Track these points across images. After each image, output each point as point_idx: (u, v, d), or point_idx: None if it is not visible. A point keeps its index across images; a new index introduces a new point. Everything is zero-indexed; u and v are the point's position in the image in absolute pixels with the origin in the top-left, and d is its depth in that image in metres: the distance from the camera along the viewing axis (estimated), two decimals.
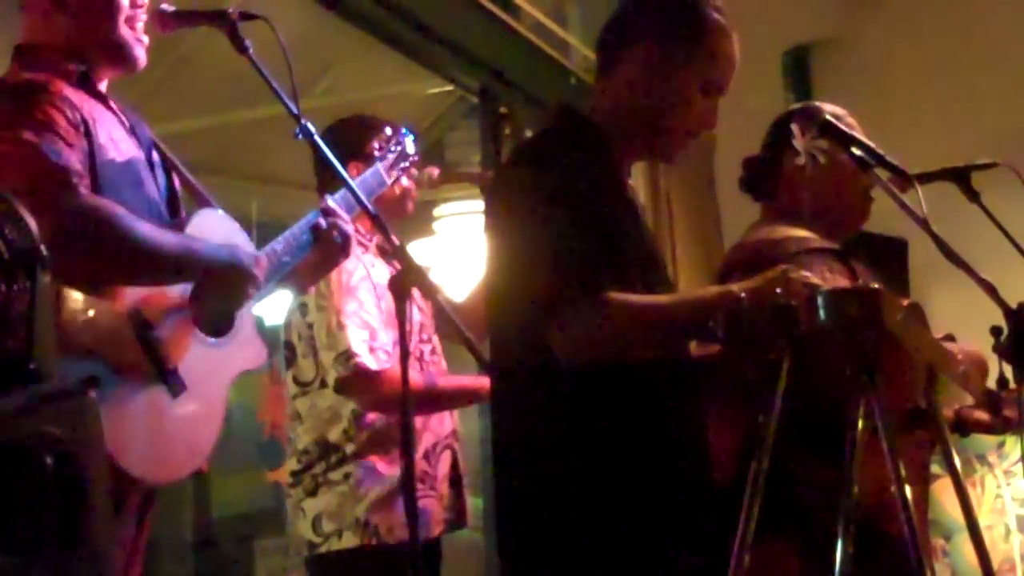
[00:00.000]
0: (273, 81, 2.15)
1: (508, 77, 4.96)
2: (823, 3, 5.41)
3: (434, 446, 3.00)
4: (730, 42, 2.23)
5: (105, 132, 2.14)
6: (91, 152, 2.08)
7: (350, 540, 2.89)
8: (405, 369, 2.04)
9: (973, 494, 4.83)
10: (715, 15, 2.22)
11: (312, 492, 2.95)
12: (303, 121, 2.17)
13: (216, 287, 2.15)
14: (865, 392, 1.94)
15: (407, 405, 2.07)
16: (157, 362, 2.08)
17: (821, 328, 1.90)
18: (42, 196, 1.92)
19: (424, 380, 2.96)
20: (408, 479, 2.04)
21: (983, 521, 4.75)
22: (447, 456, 3.04)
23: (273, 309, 3.01)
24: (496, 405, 2.23)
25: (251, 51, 2.18)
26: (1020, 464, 4.84)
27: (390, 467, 2.91)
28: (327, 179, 2.89)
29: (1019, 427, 2.51)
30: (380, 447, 2.93)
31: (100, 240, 1.98)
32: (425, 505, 2.92)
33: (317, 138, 2.17)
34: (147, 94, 4.38)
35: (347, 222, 2.42)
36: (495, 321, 2.23)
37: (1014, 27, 5.01)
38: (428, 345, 3.09)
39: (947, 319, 2.44)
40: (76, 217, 1.96)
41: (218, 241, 2.21)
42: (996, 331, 2.22)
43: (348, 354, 2.87)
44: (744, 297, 1.99)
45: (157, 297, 2.12)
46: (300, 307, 2.98)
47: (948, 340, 2.25)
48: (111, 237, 1.99)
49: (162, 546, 5.83)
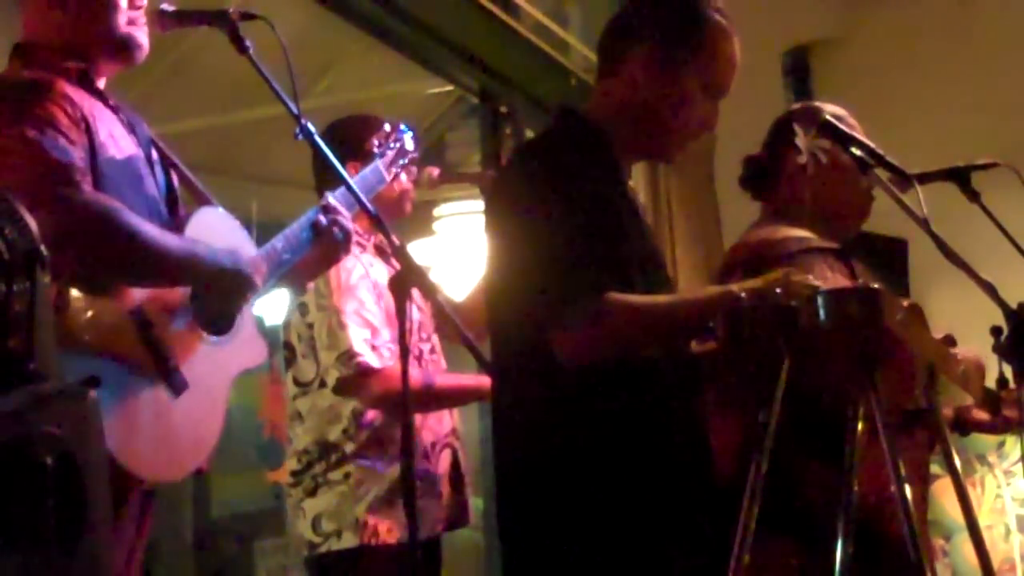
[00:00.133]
0: (273, 81, 2.16)
1: (508, 77, 4.96)
2: (823, 3, 5.40)
3: (433, 445, 3.00)
4: (731, 43, 2.24)
5: (105, 130, 2.14)
6: (92, 149, 2.08)
7: (350, 540, 2.89)
8: (405, 368, 2.04)
9: (973, 494, 4.83)
10: (716, 16, 2.22)
11: (312, 492, 2.94)
12: (303, 121, 2.17)
13: (217, 291, 2.16)
14: (865, 392, 1.94)
15: (407, 404, 2.07)
16: (159, 361, 2.08)
17: (821, 328, 1.90)
18: (44, 193, 1.93)
19: (425, 378, 2.95)
20: (408, 478, 2.04)
21: (983, 521, 4.75)
22: (447, 455, 3.04)
23: (273, 309, 3.01)
24: (497, 405, 2.23)
25: (251, 51, 2.18)
26: (1020, 464, 4.84)
27: (390, 467, 2.91)
28: (326, 179, 2.88)
29: (1019, 427, 2.51)
30: (380, 447, 2.93)
31: (102, 238, 1.98)
32: (424, 504, 2.92)
33: (317, 138, 2.17)
34: (147, 94, 4.39)
35: (347, 218, 2.42)
36: (496, 321, 2.23)
37: (1014, 27, 5.01)
38: (427, 344, 3.09)
39: (947, 319, 2.44)
40: (78, 214, 1.96)
41: (218, 239, 2.21)
42: (996, 331, 2.21)
43: (350, 353, 2.87)
44: (744, 297, 1.99)
45: (159, 296, 2.12)
46: (300, 307, 2.98)
47: (948, 341, 2.24)
48: (113, 236, 1.99)
49: (162, 546, 5.83)
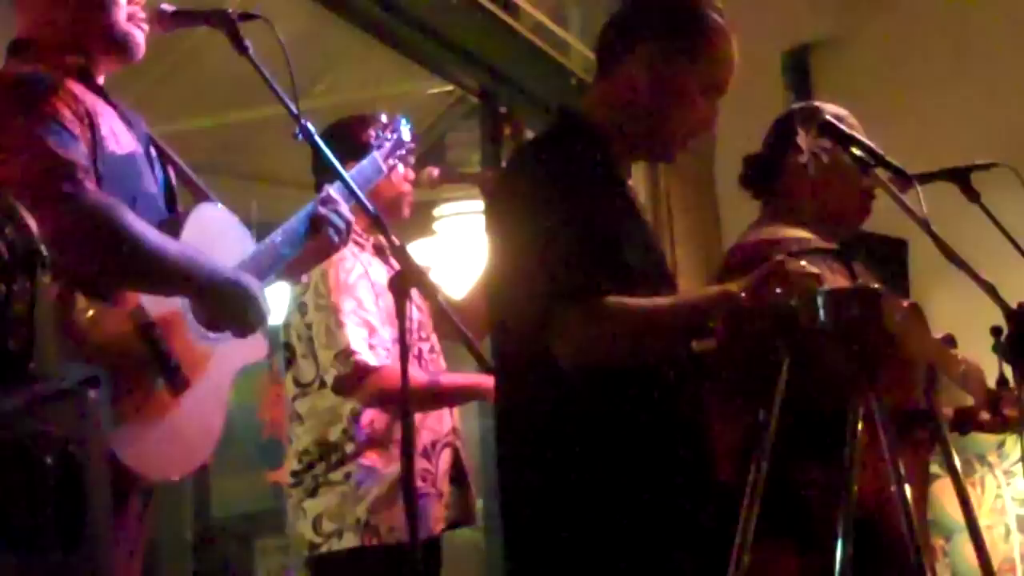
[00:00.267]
0: (273, 81, 2.15)
1: (508, 77, 4.95)
2: (823, 3, 5.40)
3: (433, 444, 3.00)
4: (729, 43, 2.24)
5: (107, 125, 2.13)
6: (94, 145, 2.07)
7: (350, 540, 2.89)
8: (405, 368, 2.04)
9: (973, 494, 4.82)
10: (713, 15, 2.23)
11: (312, 492, 2.95)
12: (303, 121, 2.16)
13: (214, 302, 2.14)
14: (865, 392, 1.94)
15: (407, 404, 2.07)
16: (161, 359, 2.07)
17: (821, 328, 1.90)
18: (47, 189, 1.92)
19: (425, 377, 2.95)
20: (408, 479, 2.04)
21: (983, 521, 4.75)
22: (447, 454, 3.04)
23: (273, 309, 3.01)
24: (499, 405, 2.23)
25: (251, 51, 2.17)
26: (1020, 464, 4.83)
27: (390, 466, 2.91)
28: (326, 179, 2.88)
29: (1019, 426, 2.51)
30: (380, 446, 2.93)
31: (102, 237, 1.98)
32: (425, 503, 2.92)
33: (317, 138, 2.17)
34: (147, 94, 4.38)
35: (347, 209, 2.41)
36: (497, 322, 2.23)
37: (1014, 27, 5.01)
38: (427, 343, 3.09)
39: (947, 319, 2.44)
40: (81, 213, 1.95)
41: (218, 235, 2.21)
42: (996, 331, 2.22)
43: (347, 352, 2.87)
44: (743, 297, 1.99)
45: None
46: (299, 307, 2.98)
47: (948, 341, 2.24)
48: (113, 236, 1.98)
49: (162, 546, 5.82)
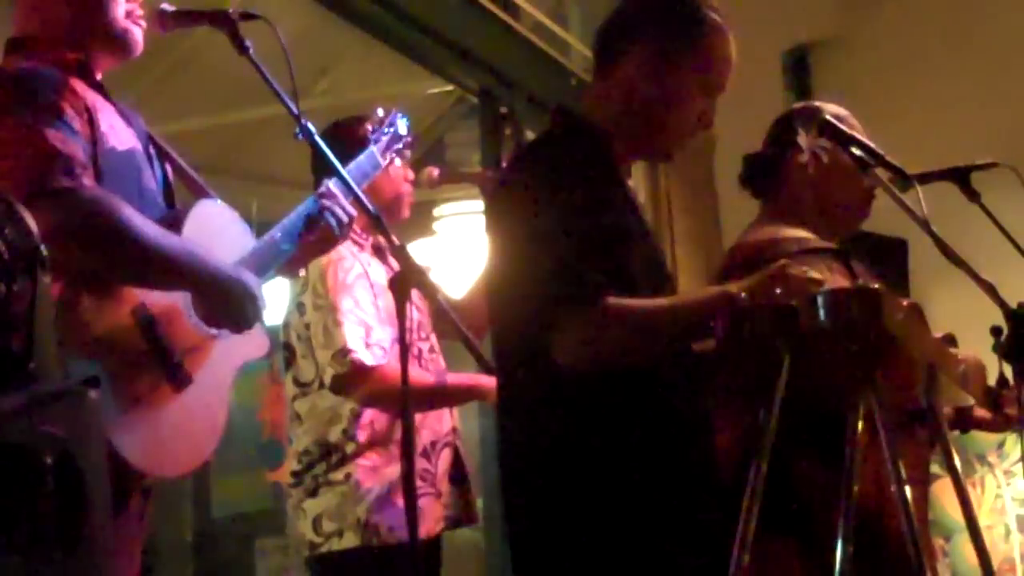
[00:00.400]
0: (273, 81, 2.15)
1: (508, 77, 4.95)
2: (823, 3, 5.40)
3: (433, 444, 3.00)
4: (727, 42, 2.24)
5: (106, 121, 2.13)
6: (93, 140, 2.07)
7: (351, 540, 2.89)
8: (405, 368, 2.04)
9: (973, 494, 4.83)
10: (712, 15, 2.23)
11: (313, 492, 2.94)
12: (303, 121, 2.16)
13: (214, 298, 2.14)
14: (865, 392, 1.94)
15: (407, 404, 2.07)
16: (162, 356, 2.07)
17: (821, 328, 1.90)
18: (46, 184, 1.92)
19: (423, 377, 2.95)
20: (408, 478, 2.04)
21: (983, 521, 4.75)
22: (447, 454, 3.04)
23: (272, 309, 3.01)
24: (500, 405, 2.23)
25: (251, 51, 2.17)
26: (1020, 464, 4.83)
27: (390, 466, 2.91)
28: (325, 178, 2.88)
29: (1019, 425, 2.51)
30: (380, 446, 2.93)
31: (100, 232, 1.97)
32: (424, 503, 2.92)
33: (317, 138, 2.17)
34: (147, 94, 4.38)
35: (347, 203, 2.41)
36: (497, 323, 2.23)
37: (1014, 27, 5.01)
38: (426, 343, 3.09)
39: (947, 319, 2.44)
40: (80, 208, 1.95)
41: (218, 231, 2.21)
42: (996, 331, 2.22)
43: (344, 351, 2.87)
44: (744, 297, 1.99)
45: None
46: (298, 307, 2.98)
47: (948, 341, 2.24)
48: (112, 230, 1.98)
49: (162, 546, 5.83)
